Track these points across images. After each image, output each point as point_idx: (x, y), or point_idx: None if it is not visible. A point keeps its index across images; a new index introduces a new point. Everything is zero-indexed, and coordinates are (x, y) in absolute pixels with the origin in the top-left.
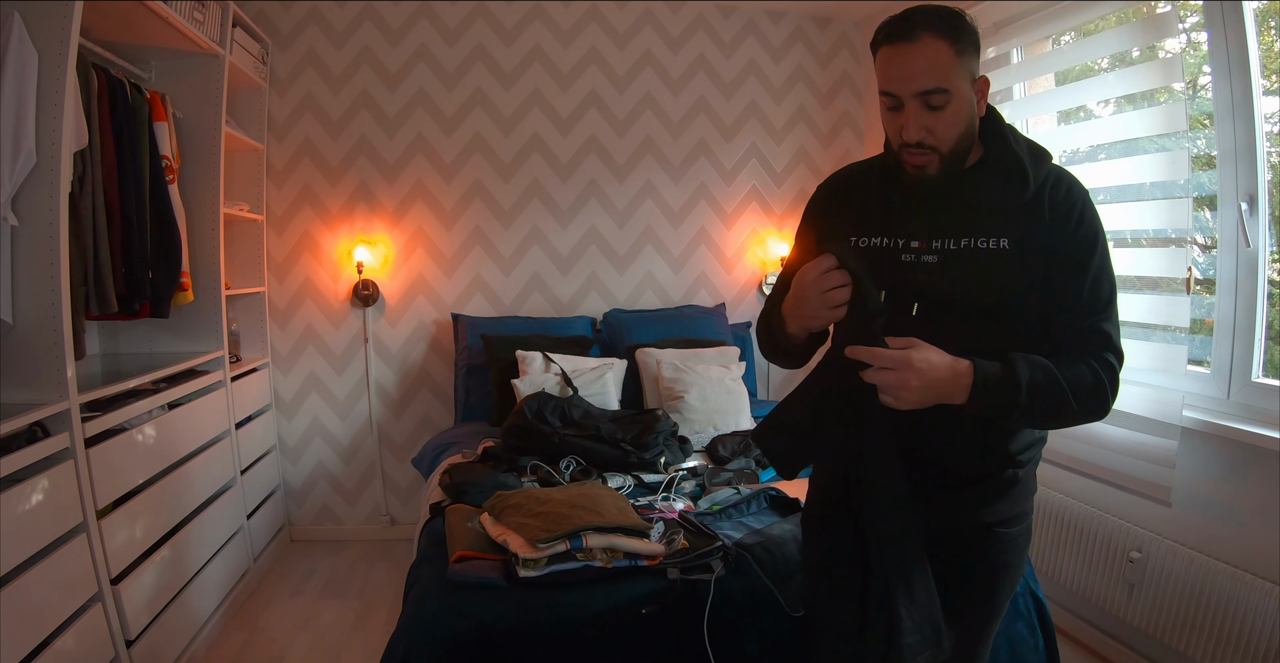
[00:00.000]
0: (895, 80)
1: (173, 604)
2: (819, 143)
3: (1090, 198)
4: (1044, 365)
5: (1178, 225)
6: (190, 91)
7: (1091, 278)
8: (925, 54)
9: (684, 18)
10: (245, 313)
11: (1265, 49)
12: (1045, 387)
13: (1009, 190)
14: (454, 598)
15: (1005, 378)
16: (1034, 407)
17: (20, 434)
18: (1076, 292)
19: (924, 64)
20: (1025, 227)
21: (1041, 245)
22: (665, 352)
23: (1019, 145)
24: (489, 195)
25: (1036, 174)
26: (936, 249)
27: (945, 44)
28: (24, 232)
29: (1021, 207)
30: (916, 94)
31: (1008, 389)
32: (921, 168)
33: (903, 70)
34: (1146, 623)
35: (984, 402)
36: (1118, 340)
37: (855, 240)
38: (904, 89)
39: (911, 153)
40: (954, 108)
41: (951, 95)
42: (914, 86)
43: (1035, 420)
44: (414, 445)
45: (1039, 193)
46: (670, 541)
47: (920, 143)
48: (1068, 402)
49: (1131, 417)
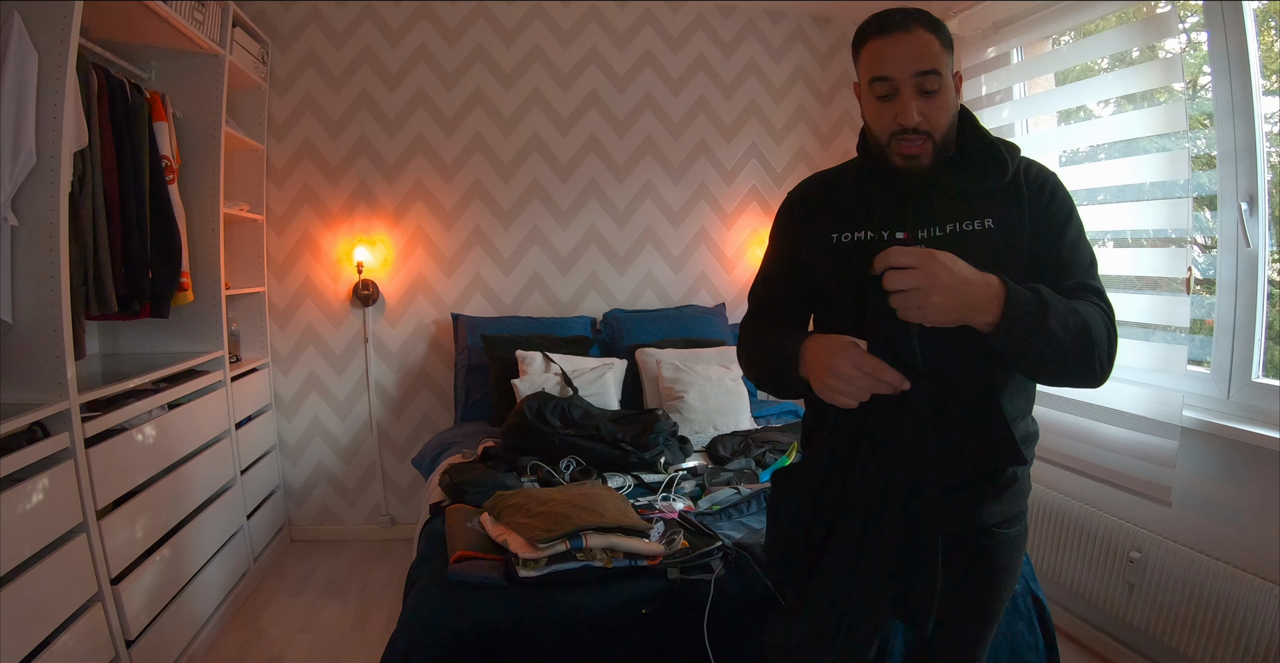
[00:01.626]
0: (892, 64)
1: (173, 604)
2: (819, 143)
3: (1060, 180)
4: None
5: (1178, 225)
6: (190, 91)
7: (1069, 243)
8: (920, 41)
9: (684, 18)
10: (245, 313)
11: (1265, 49)
12: (1068, 312)
13: (988, 177)
14: (454, 598)
15: (1035, 295)
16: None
17: (20, 434)
18: (1057, 254)
19: (920, 49)
20: (1007, 207)
21: (1026, 223)
22: (665, 352)
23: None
24: (489, 195)
25: (1013, 161)
26: (922, 238)
27: (933, 37)
28: (24, 232)
29: (1002, 190)
30: (915, 74)
31: (1036, 304)
32: (915, 157)
33: (901, 55)
34: (1146, 623)
35: (1015, 317)
36: (1107, 298)
37: (837, 237)
38: (902, 71)
39: (906, 142)
40: (944, 94)
41: (943, 80)
42: (913, 67)
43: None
44: (414, 445)
45: (1016, 177)
46: (670, 541)
47: (917, 128)
48: (1089, 326)
49: (1131, 417)
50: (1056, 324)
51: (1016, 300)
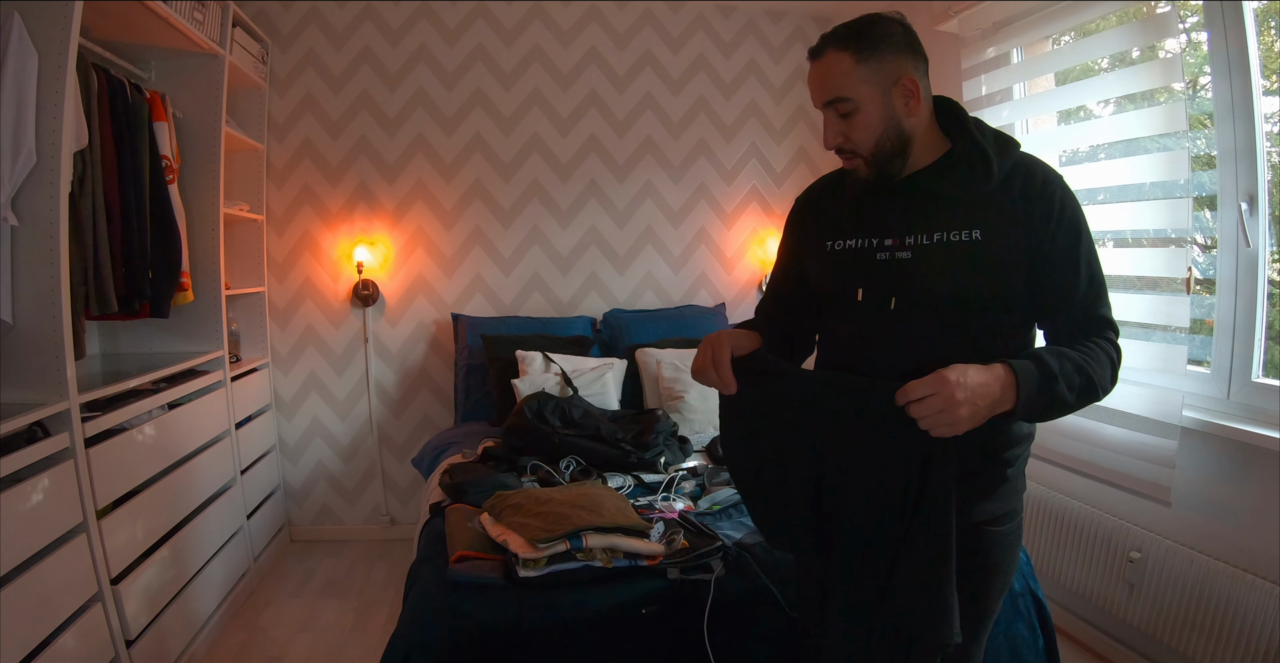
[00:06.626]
0: (811, 93)
1: (173, 604)
2: (819, 143)
3: (1065, 184)
4: (1061, 352)
5: (1178, 225)
6: (190, 91)
7: (1084, 267)
8: (825, 68)
9: (684, 18)
10: (245, 313)
11: (1265, 49)
12: (1075, 373)
13: (974, 181)
14: (454, 598)
15: (1041, 370)
16: (1066, 394)
17: (20, 434)
18: (1072, 284)
19: (824, 77)
20: (994, 216)
21: (1017, 237)
22: (665, 352)
23: (984, 137)
24: (489, 195)
25: (1001, 163)
26: (910, 245)
27: (846, 55)
28: (24, 232)
29: (989, 196)
30: (824, 104)
31: (1047, 379)
32: (854, 170)
33: (814, 84)
34: (1146, 623)
35: (1033, 398)
36: (1113, 318)
37: (830, 244)
38: (816, 99)
39: (842, 157)
40: (864, 114)
41: (856, 102)
42: (819, 98)
43: (1068, 409)
44: (414, 445)
45: (1007, 182)
46: (670, 541)
47: (840, 148)
48: (1093, 387)
49: (1131, 417)
50: (1064, 388)
51: (1026, 382)
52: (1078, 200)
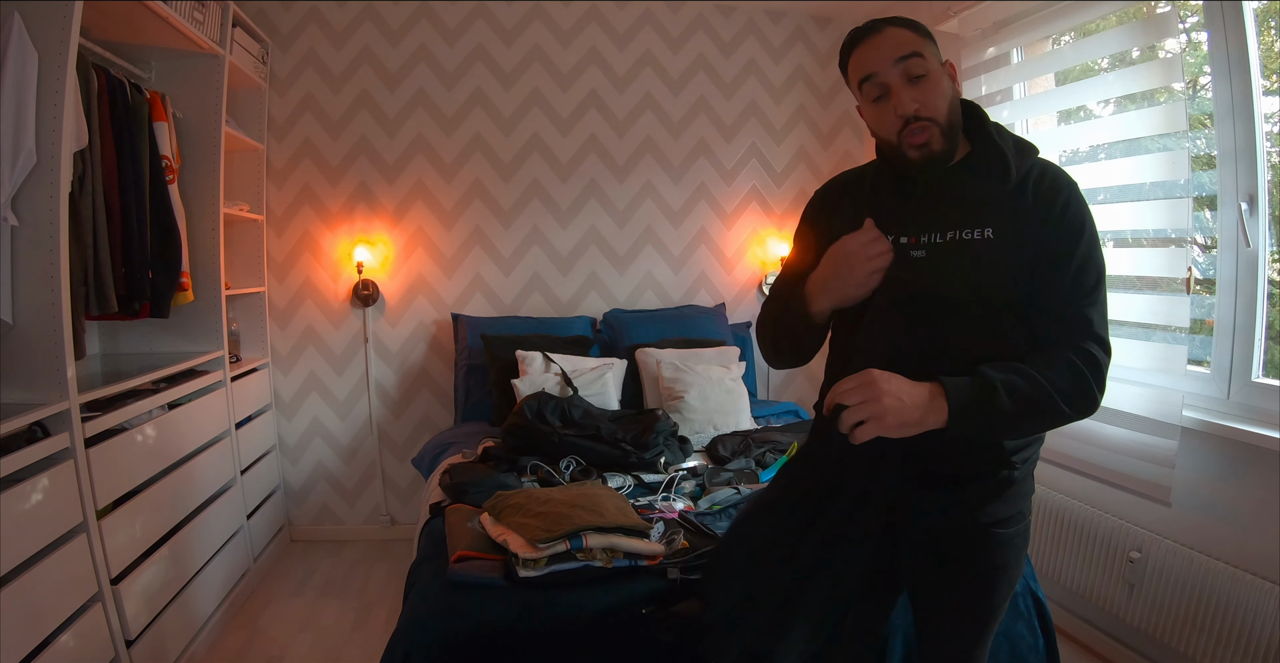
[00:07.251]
0: (874, 60)
1: (173, 604)
2: (819, 143)
3: (1077, 188)
4: (1015, 367)
5: (1178, 225)
6: (190, 91)
7: (1075, 266)
8: (890, 35)
9: (684, 18)
10: (245, 313)
11: (1265, 49)
12: (1024, 387)
13: (992, 182)
14: (454, 598)
15: (977, 383)
16: (1018, 410)
17: (20, 434)
18: (1058, 280)
19: (893, 40)
20: (1008, 216)
21: (1028, 236)
22: (665, 352)
23: (1004, 140)
24: (489, 195)
25: (1020, 165)
26: (924, 244)
27: (907, 30)
28: (24, 232)
29: (1005, 197)
30: (896, 61)
31: (984, 392)
32: (925, 145)
33: (879, 51)
34: (1146, 623)
35: (965, 414)
36: (1102, 328)
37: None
38: (884, 63)
39: (911, 132)
40: (933, 78)
41: (928, 61)
42: (893, 55)
43: (1023, 425)
44: (414, 445)
45: (1022, 183)
46: (670, 541)
47: (917, 115)
48: (1052, 401)
49: (1131, 417)
50: (1007, 400)
51: (956, 395)
52: (1087, 206)
